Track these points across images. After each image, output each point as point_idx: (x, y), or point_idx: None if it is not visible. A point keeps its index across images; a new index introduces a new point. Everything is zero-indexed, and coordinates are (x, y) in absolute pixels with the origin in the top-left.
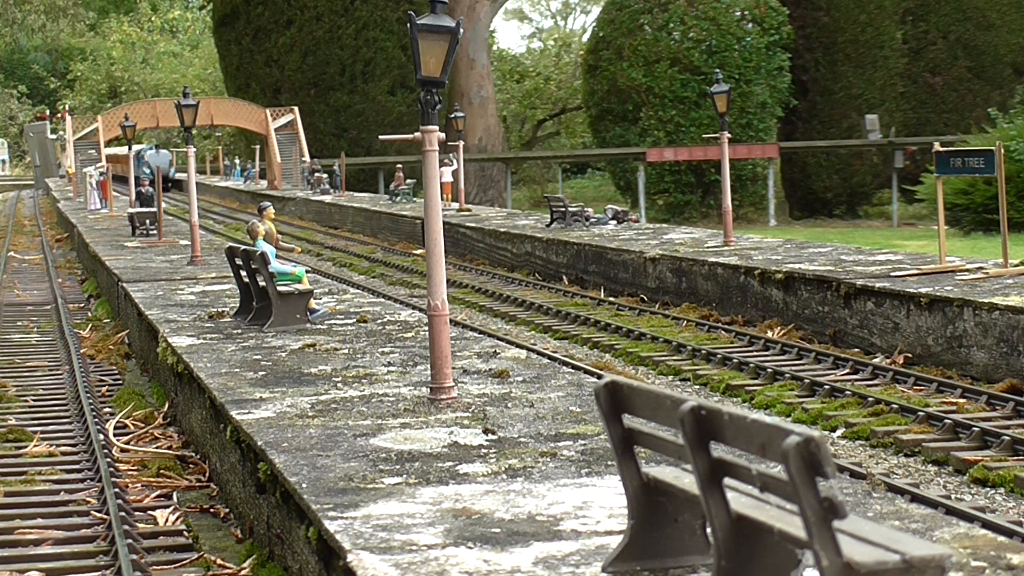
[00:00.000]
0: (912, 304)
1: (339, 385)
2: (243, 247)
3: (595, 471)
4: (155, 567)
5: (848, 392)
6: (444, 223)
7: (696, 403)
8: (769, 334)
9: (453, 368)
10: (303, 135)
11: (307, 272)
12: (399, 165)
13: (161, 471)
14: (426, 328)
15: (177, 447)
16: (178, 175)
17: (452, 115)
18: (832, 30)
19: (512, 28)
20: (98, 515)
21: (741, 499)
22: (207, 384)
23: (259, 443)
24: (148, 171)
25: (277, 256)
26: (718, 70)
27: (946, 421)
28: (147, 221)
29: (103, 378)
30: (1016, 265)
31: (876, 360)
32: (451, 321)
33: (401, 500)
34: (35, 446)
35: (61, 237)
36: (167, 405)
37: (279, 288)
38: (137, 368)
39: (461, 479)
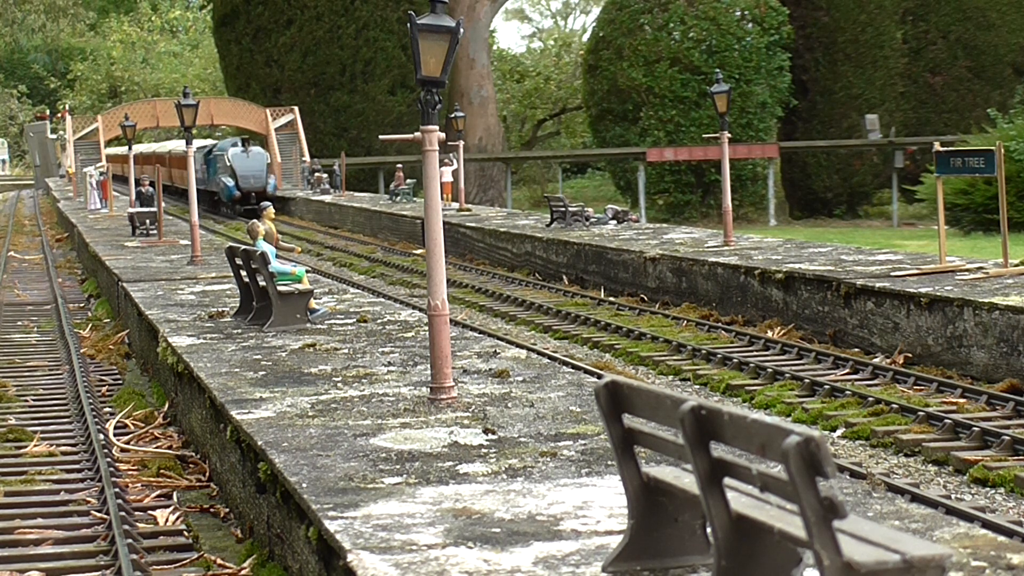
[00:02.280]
0: (912, 304)
1: (339, 385)
2: (243, 247)
3: (595, 471)
4: (155, 567)
5: (848, 392)
6: (444, 223)
7: (696, 403)
8: (769, 334)
9: (453, 368)
10: (303, 135)
11: (307, 272)
12: (399, 165)
13: (161, 471)
14: (426, 328)
15: (177, 447)
16: (279, 190)
17: (452, 115)
18: (832, 30)
19: (512, 28)
20: (98, 515)
21: (741, 499)
22: (207, 384)
23: (259, 443)
24: (230, 183)
25: (277, 256)
26: (718, 70)
27: (946, 421)
28: (147, 221)
29: (103, 378)
30: (1016, 265)
31: (876, 360)
32: (451, 321)
33: (401, 500)
34: (35, 446)
35: (61, 237)
36: (167, 405)
37: (279, 288)
38: (137, 368)
39: (461, 479)
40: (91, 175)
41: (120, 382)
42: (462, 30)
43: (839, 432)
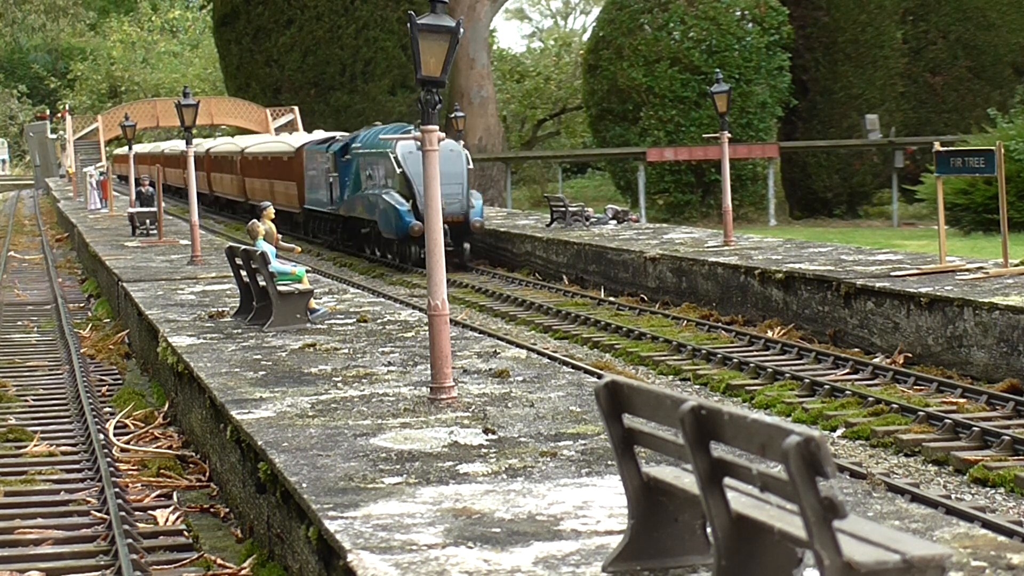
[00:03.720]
0: (912, 304)
1: (339, 385)
2: (243, 247)
3: (595, 471)
4: (155, 567)
5: (848, 392)
6: None
7: (696, 403)
8: (769, 334)
9: (453, 368)
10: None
11: (307, 272)
12: None
13: (161, 471)
14: (426, 328)
15: (177, 447)
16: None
17: (452, 115)
18: (832, 30)
19: (512, 28)
20: (98, 515)
21: (741, 499)
22: (207, 384)
23: (259, 443)
24: (400, 206)
25: (277, 256)
26: (718, 70)
27: (946, 421)
28: (147, 221)
29: (103, 378)
30: (1016, 265)
31: (876, 360)
32: (451, 321)
33: (401, 500)
34: (35, 446)
35: (61, 237)
36: (167, 405)
37: (279, 288)
38: (137, 368)
39: (461, 479)
40: (91, 175)
41: (120, 382)
42: (462, 30)
43: (839, 432)
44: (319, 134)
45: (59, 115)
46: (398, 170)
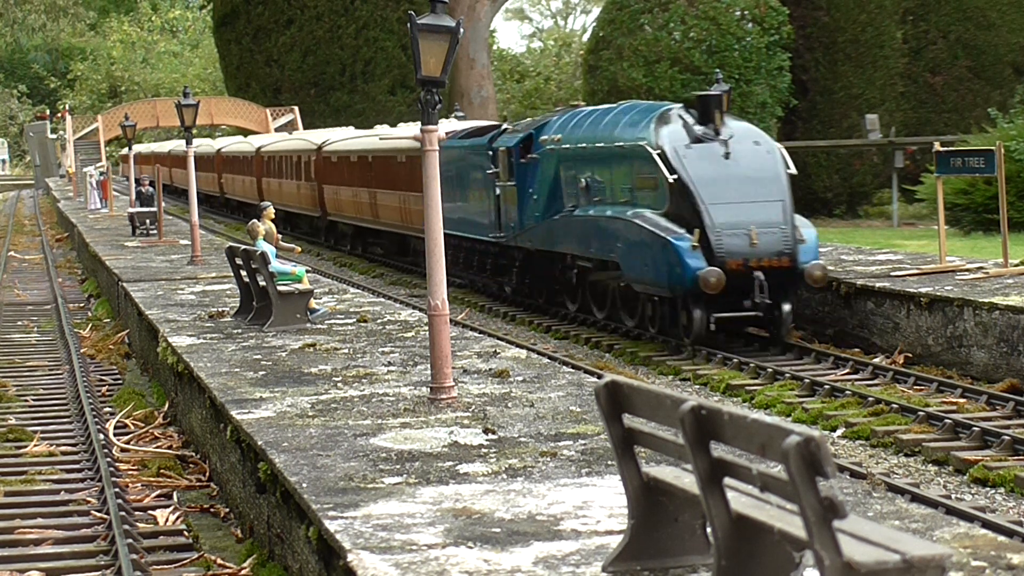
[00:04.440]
0: (912, 304)
1: (339, 385)
2: (243, 247)
3: (595, 471)
4: (155, 567)
5: (848, 392)
6: None
7: (696, 403)
8: None
9: (453, 368)
10: None
11: (307, 272)
12: None
13: (161, 471)
14: (426, 328)
15: (177, 447)
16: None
17: (452, 115)
18: (832, 30)
19: (512, 28)
20: (98, 515)
21: (741, 499)
22: (207, 384)
23: (259, 443)
24: (681, 242)
25: (277, 256)
26: (718, 70)
27: (946, 421)
28: (147, 221)
29: (103, 378)
30: (1016, 265)
31: (876, 360)
32: (451, 321)
33: (401, 500)
34: (35, 446)
35: (61, 237)
36: (167, 405)
37: (279, 288)
38: (137, 368)
39: (461, 479)
40: (91, 175)
41: (120, 382)
42: (462, 30)
43: (839, 432)
44: (453, 124)
45: (59, 115)
46: (669, 176)
